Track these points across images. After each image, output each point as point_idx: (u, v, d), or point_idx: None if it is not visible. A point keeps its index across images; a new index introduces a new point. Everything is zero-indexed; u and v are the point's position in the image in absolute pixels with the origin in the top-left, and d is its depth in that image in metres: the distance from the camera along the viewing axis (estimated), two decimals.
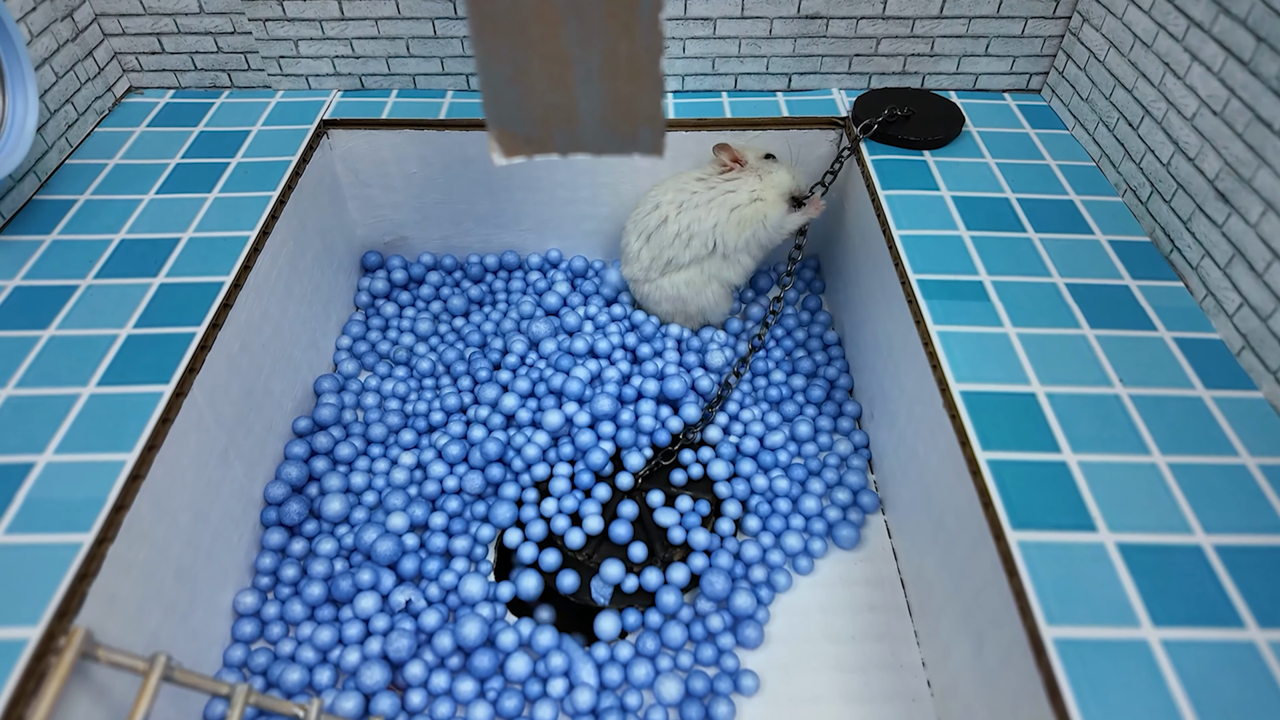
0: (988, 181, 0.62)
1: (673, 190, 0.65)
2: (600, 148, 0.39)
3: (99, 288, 0.53)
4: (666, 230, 0.64)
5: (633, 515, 0.57)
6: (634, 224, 0.66)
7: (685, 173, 0.66)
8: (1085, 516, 0.41)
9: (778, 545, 0.56)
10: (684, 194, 0.64)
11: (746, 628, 0.52)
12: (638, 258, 0.66)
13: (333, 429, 0.62)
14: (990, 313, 0.51)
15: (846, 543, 0.57)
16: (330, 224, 0.70)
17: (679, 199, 0.64)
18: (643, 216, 0.65)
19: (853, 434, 0.63)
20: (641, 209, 0.66)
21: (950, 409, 0.46)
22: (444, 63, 0.72)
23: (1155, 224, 0.57)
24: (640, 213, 0.66)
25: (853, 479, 0.60)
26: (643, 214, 0.66)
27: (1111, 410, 0.46)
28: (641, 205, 0.66)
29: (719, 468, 0.59)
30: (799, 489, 0.59)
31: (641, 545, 0.56)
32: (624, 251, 0.68)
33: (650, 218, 0.65)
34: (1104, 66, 0.64)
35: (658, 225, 0.64)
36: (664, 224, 0.64)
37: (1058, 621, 0.37)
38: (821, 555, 0.57)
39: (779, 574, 0.55)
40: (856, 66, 0.72)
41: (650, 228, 0.65)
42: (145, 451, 0.44)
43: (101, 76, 0.69)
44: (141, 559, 0.44)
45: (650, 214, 0.65)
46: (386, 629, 0.52)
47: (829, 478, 0.60)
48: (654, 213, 0.65)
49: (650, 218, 0.65)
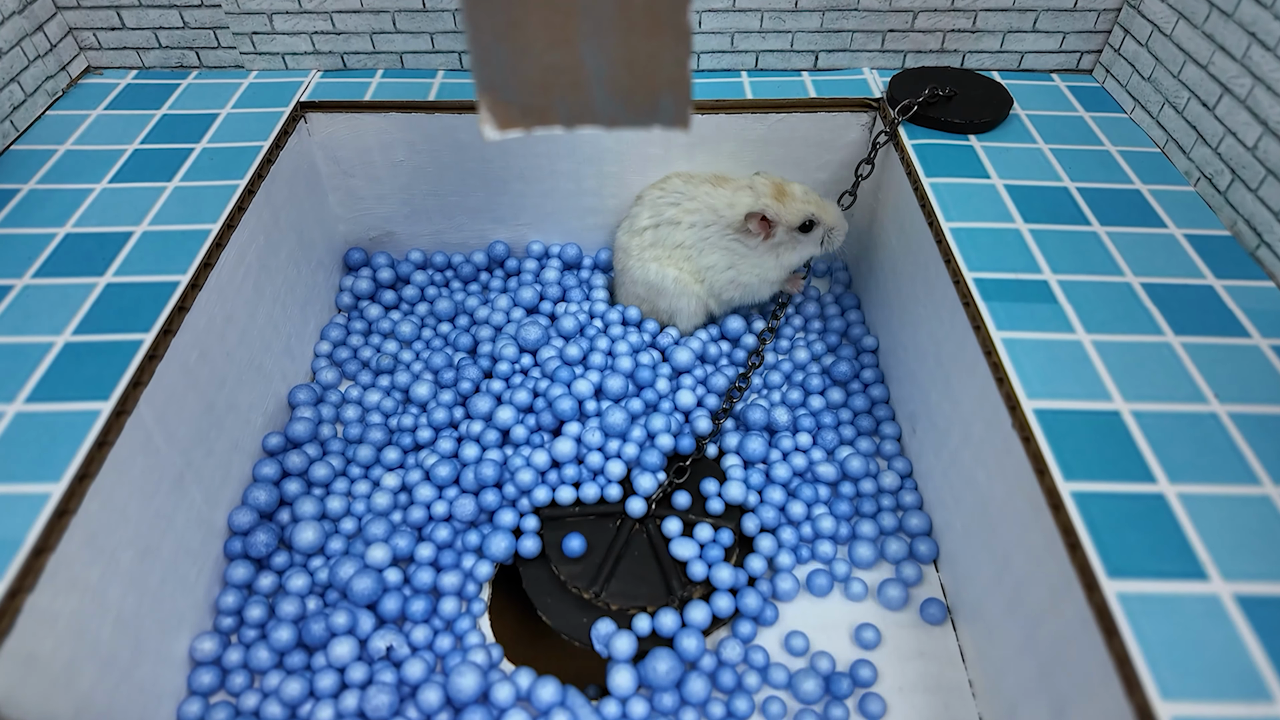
0: (1043, 169, 0.55)
1: (696, 206, 0.59)
2: (612, 119, 0.32)
3: (36, 288, 0.46)
4: (675, 235, 0.60)
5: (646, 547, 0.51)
6: (651, 206, 0.62)
7: (717, 184, 0.59)
8: (1193, 562, 0.34)
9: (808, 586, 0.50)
10: (704, 217, 0.59)
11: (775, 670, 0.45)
12: (640, 233, 0.62)
13: (308, 446, 0.56)
14: (1060, 317, 0.44)
15: (894, 603, 0.49)
16: (308, 218, 0.63)
17: (698, 218, 0.59)
18: (660, 201, 0.61)
19: (894, 459, 0.56)
20: (659, 197, 0.61)
21: (1023, 430, 0.39)
22: (434, 39, 0.65)
23: (1237, 215, 0.50)
24: (657, 199, 0.61)
25: (912, 521, 0.52)
26: (659, 201, 0.61)
27: (1209, 431, 0.39)
28: (660, 193, 0.61)
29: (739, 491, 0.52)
30: (846, 529, 0.52)
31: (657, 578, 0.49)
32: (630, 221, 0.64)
33: (668, 210, 0.60)
34: (1171, 41, 0.57)
35: (668, 222, 0.60)
36: (676, 227, 0.60)
37: (1175, 696, 0.30)
38: (862, 598, 0.50)
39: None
40: (890, 44, 0.65)
41: (661, 218, 0.61)
42: (76, 482, 0.38)
43: (54, 54, 0.63)
44: (70, 609, 0.37)
45: (667, 207, 0.60)
46: (364, 681, 0.45)
47: (885, 523, 0.53)
48: (672, 208, 0.60)
49: (668, 210, 0.60)
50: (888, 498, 0.54)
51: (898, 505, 0.54)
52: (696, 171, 0.63)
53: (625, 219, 0.64)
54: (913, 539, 0.52)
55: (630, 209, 0.64)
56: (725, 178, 0.60)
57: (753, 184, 0.58)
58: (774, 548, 0.51)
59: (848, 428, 0.58)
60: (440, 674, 0.46)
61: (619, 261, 0.64)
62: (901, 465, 0.55)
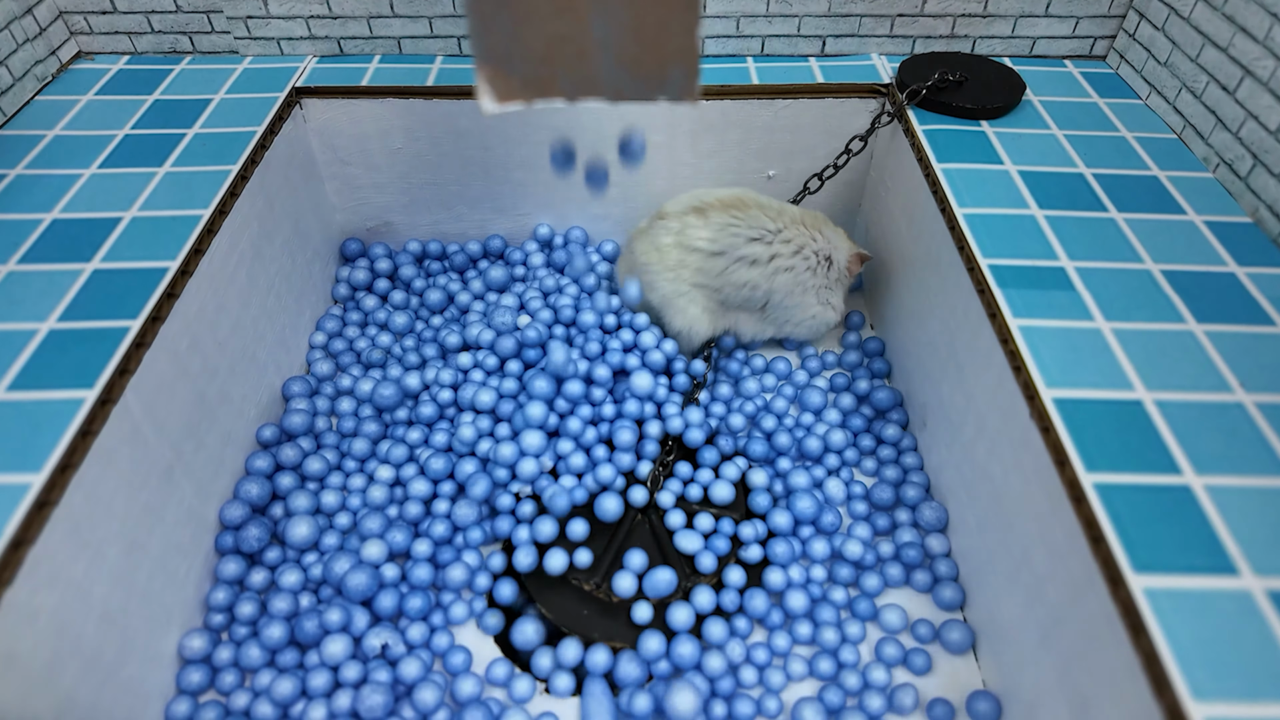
0: (1057, 155, 0.54)
1: (797, 248, 0.55)
2: (618, 91, 0.31)
3: (21, 275, 0.45)
4: (739, 274, 0.55)
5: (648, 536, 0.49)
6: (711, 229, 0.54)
7: (813, 226, 0.56)
8: (1222, 556, 0.33)
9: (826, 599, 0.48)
10: (809, 261, 0.56)
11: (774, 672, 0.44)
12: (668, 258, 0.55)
13: (302, 439, 0.54)
14: (1078, 304, 0.43)
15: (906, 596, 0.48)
16: (303, 206, 0.62)
17: (798, 263, 0.55)
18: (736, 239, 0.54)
19: (904, 455, 0.54)
20: (730, 225, 0.54)
21: (1042, 420, 0.38)
22: (432, 24, 0.63)
23: (1259, 202, 0.49)
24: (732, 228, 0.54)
25: (933, 543, 0.49)
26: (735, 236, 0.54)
27: (1235, 421, 0.37)
28: (735, 222, 0.54)
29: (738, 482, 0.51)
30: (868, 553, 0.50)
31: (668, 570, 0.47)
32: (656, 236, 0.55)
33: (744, 248, 0.54)
34: (1188, 24, 0.55)
35: (734, 265, 0.55)
36: (748, 265, 0.55)
37: (1207, 696, 0.29)
38: (878, 592, 0.48)
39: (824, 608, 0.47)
40: (899, 29, 0.63)
41: (732, 256, 0.54)
42: (58, 472, 0.36)
43: (44, 38, 0.61)
44: (52, 605, 0.36)
45: (745, 244, 0.54)
46: (359, 680, 0.43)
47: (903, 542, 0.50)
48: (757, 245, 0.54)
49: (744, 248, 0.54)
50: (904, 511, 0.52)
51: (903, 502, 0.52)
52: (772, 202, 0.56)
53: (658, 228, 0.55)
54: (926, 534, 0.50)
55: (666, 220, 0.55)
56: (809, 214, 0.57)
57: (823, 222, 0.57)
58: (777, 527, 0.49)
59: (856, 417, 0.57)
60: (437, 672, 0.44)
61: (642, 266, 0.56)
62: (912, 460, 0.54)
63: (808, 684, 0.45)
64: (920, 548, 0.49)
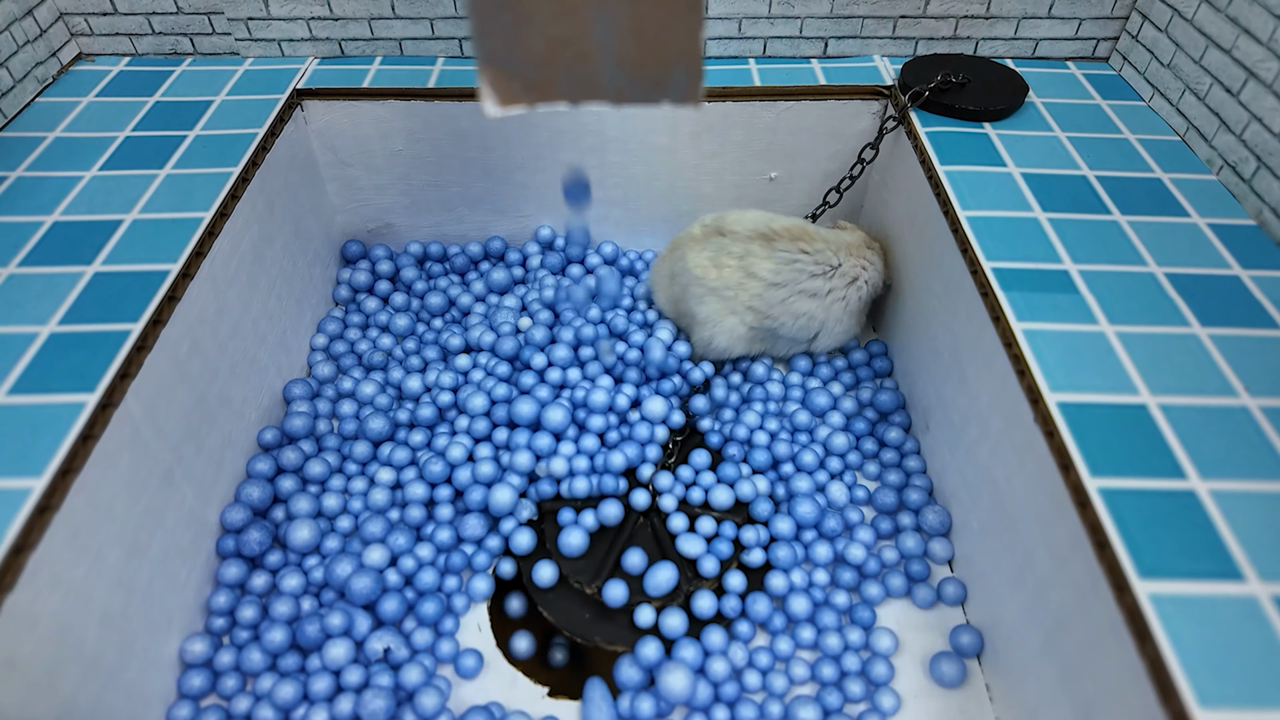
0: (1060, 157, 0.53)
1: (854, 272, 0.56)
2: (620, 94, 0.31)
3: (21, 278, 0.45)
4: (797, 305, 0.55)
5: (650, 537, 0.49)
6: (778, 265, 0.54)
7: (856, 252, 0.57)
8: (1228, 562, 0.32)
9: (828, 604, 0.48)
10: (872, 276, 0.57)
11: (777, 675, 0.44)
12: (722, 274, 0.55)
13: (303, 442, 0.54)
14: (1081, 307, 0.43)
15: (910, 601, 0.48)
16: (304, 208, 0.62)
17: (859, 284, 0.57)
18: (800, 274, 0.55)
19: (906, 459, 0.54)
20: (795, 262, 0.54)
21: (1046, 424, 0.38)
22: (434, 25, 0.63)
23: (1263, 204, 0.49)
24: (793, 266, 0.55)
25: (935, 547, 0.50)
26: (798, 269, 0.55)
27: (1240, 425, 0.37)
28: (804, 258, 0.55)
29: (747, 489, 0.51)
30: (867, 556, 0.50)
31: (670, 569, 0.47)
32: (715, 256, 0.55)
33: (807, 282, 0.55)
34: (1192, 26, 0.55)
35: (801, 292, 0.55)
36: (800, 298, 0.55)
37: (1213, 703, 0.29)
38: (879, 601, 0.48)
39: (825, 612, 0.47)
40: (901, 30, 0.63)
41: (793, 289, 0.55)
42: (59, 477, 0.36)
43: (44, 40, 0.61)
44: (52, 609, 0.36)
45: (810, 279, 0.55)
46: (360, 684, 0.43)
47: (907, 548, 0.50)
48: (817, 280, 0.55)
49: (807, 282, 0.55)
50: (907, 515, 0.52)
51: (906, 505, 0.52)
52: (826, 233, 0.56)
53: (718, 246, 0.55)
54: (929, 538, 0.50)
55: (727, 240, 0.55)
56: (858, 236, 0.58)
57: (865, 244, 0.58)
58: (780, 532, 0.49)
59: (859, 420, 0.56)
60: (440, 676, 0.44)
61: (696, 279, 0.55)
62: (915, 464, 0.54)
63: (809, 687, 0.45)
64: (923, 556, 0.49)
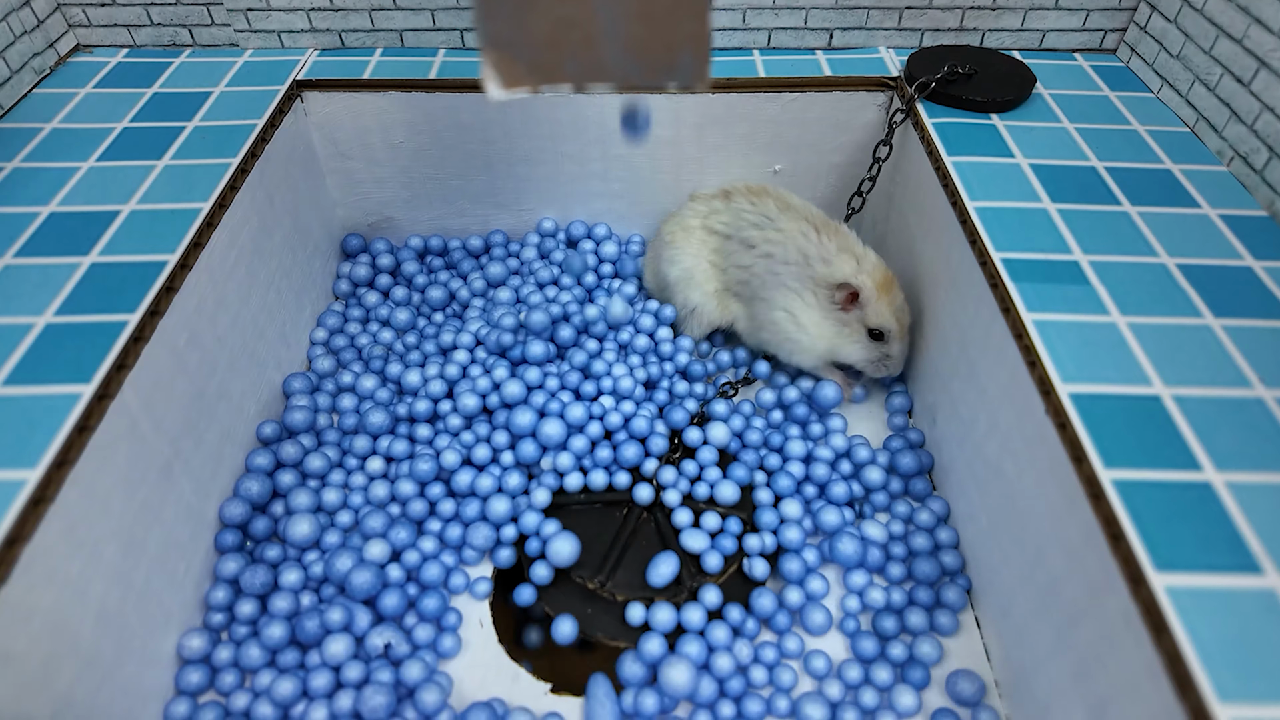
0: (1069, 148, 0.53)
1: (783, 240, 0.53)
2: (626, 77, 0.30)
3: (17, 268, 0.44)
4: (737, 256, 0.55)
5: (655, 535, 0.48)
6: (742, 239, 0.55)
7: (822, 230, 0.53)
8: (1245, 554, 0.32)
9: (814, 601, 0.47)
10: (788, 254, 0.53)
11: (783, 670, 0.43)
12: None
13: (303, 436, 0.53)
14: (1093, 298, 0.42)
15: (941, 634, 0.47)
16: (304, 201, 0.61)
17: (777, 251, 0.53)
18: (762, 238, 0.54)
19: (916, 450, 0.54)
20: (746, 212, 0.55)
21: (1057, 416, 0.37)
22: (435, 16, 0.63)
23: (1275, 195, 0.48)
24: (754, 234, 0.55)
25: (942, 537, 0.49)
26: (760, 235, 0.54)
27: (1255, 417, 0.37)
28: (750, 207, 0.55)
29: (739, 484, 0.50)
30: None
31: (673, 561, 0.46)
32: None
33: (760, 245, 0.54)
34: (1202, 15, 0.55)
35: (740, 242, 0.55)
36: (746, 249, 0.55)
37: (1233, 698, 0.28)
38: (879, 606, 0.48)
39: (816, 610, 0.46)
40: (907, 21, 0.63)
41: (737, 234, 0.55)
42: (54, 468, 0.35)
43: (41, 30, 0.60)
44: (47, 603, 0.35)
45: (750, 228, 0.55)
46: (360, 680, 0.43)
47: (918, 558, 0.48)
48: (754, 230, 0.54)
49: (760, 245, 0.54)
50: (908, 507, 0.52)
51: (911, 493, 0.51)
52: (793, 199, 0.56)
53: (686, 210, 0.58)
54: (935, 533, 0.50)
55: (695, 202, 0.58)
56: (828, 223, 0.54)
57: (862, 255, 0.52)
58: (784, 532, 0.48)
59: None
60: (440, 672, 0.44)
61: (666, 244, 0.58)
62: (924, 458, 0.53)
63: (811, 683, 0.44)
64: (932, 555, 0.48)
